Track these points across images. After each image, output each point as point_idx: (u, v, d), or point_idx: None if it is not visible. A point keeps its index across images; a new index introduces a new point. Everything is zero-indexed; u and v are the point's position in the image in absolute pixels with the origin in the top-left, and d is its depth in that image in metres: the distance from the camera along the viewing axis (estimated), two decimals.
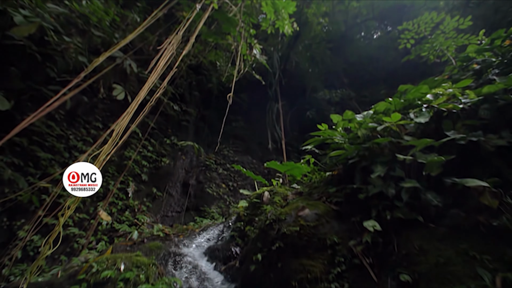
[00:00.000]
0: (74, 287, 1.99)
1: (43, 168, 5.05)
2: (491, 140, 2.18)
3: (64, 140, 5.73)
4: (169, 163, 7.60)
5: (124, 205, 6.73)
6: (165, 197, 7.22)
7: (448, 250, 1.79)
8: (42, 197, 4.84)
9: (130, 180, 7.08)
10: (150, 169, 7.45)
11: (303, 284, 2.00)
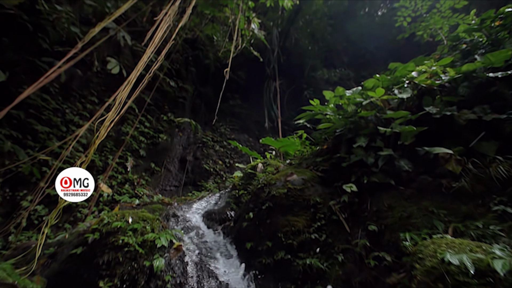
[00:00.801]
0: (88, 235, 2.32)
1: (42, 141, 5.23)
2: (464, 114, 2.43)
3: (61, 114, 5.85)
4: (167, 139, 7.82)
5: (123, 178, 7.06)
6: (163, 172, 7.56)
7: (412, 207, 2.13)
8: (43, 169, 5.07)
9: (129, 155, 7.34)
10: (147, 145, 7.69)
11: (287, 235, 2.36)
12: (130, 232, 2.28)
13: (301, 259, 2.18)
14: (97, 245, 2.26)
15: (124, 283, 2.04)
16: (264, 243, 2.42)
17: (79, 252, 2.27)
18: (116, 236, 2.26)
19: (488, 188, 1.99)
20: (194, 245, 2.51)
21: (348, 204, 2.38)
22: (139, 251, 2.17)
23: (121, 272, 2.07)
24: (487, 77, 2.43)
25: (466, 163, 2.19)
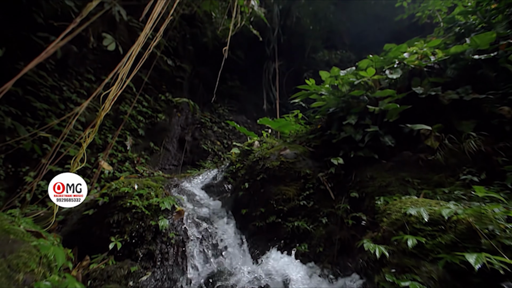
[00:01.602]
0: (98, 199, 2.59)
1: (41, 119, 5.37)
2: (448, 95, 2.62)
3: (58, 92, 5.93)
4: (165, 119, 7.96)
5: (123, 156, 7.30)
6: (162, 151, 7.80)
7: (391, 177, 2.39)
8: (44, 146, 5.26)
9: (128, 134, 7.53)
10: (146, 125, 7.84)
11: (279, 203, 2.65)
12: (137, 196, 2.55)
13: (290, 222, 2.49)
14: (107, 207, 2.54)
15: (133, 239, 2.34)
16: (258, 209, 2.72)
17: (91, 213, 2.55)
18: (124, 199, 2.53)
19: (460, 161, 2.24)
20: (194, 210, 2.80)
21: (335, 176, 2.64)
22: (146, 213, 2.45)
23: (130, 229, 2.36)
24: (472, 59, 2.58)
25: (443, 139, 2.42)
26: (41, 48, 5.36)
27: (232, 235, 2.51)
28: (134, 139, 7.57)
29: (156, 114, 8.01)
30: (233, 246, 2.36)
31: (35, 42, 5.21)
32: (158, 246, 2.31)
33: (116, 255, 2.26)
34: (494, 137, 2.29)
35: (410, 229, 1.49)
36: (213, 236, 2.44)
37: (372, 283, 1.40)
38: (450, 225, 1.39)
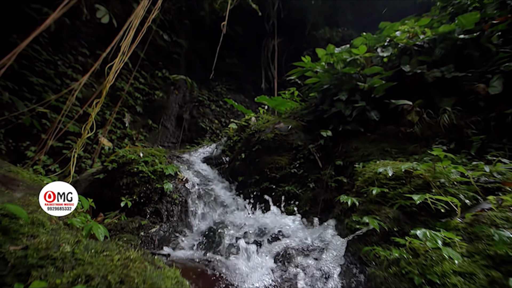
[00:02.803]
0: (107, 164, 2.90)
1: (38, 94, 5.50)
2: (432, 73, 2.85)
3: (53, 66, 6.00)
4: (162, 96, 8.08)
5: (122, 133, 7.54)
6: (160, 129, 8.03)
7: (373, 148, 2.71)
8: (42, 122, 5.46)
9: (125, 111, 7.69)
10: (143, 102, 7.98)
11: (272, 170, 2.98)
12: (143, 163, 2.86)
13: (282, 187, 2.84)
14: (116, 172, 2.85)
15: (141, 199, 2.69)
16: (253, 177, 3.06)
17: (101, 177, 2.87)
18: (131, 165, 2.84)
19: (435, 133, 2.55)
20: (195, 177, 3.14)
21: (324, 147, 2.96)
22: (151, 177, 2.78)
23: (138, 191, 2.70)
24: (458, 39, 2.77)
25: (423, 114, 2.70)
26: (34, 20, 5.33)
27: (230, 198, 2.88)
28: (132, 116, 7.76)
29: (153, 91, 8.12)
30: (231, 206, 2.72)
31: (28, 14, 5.19)
32: (164, 205, 2.66)
33: (127, 212, 2.63)
34: (468, 112, 2.58)
35: (378, 184, 1.82)
36: (212, 198, 2.80)
37: (342, 224, 1.77)
38: (409, 179, 1.73)
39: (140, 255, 0.94)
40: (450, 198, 1.34)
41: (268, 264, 1.40)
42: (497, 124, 2.39)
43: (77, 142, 2.70)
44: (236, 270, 1.22)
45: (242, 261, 1.35)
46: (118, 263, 0.86)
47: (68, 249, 0.88)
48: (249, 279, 1.13)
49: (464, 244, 1.10)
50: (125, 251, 0.93)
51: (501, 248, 0.99)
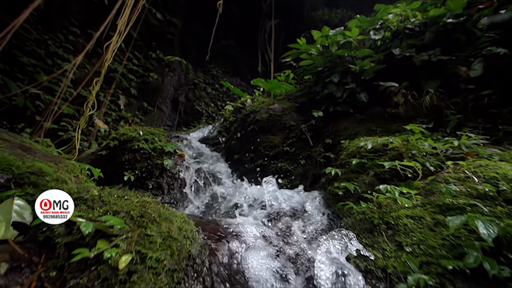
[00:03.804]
0: (109, 141, 3.08)
1: (30, 74, 5.51)
2: (420, 56, 3.02)
3: (44, 46, 5.95)
4: (157, 79, 8.09)
5: (118, 116, 7.62)
6: (156, 112, 8.12)
7: (360, 127, 2.94)
8: (36, 103, 5.51)
9: (120, 93, 7.73)
10: (138, 84, 7.99)
11: (266, 149, 3.21)
12: (143, 140, 3.05)
13: (275, 164, 3.09)
14: (118, 149, 3.05)
15: (143, 174, 2.91)
16: (248, 155, 3.29)
17: (104, 154, 3.07)
18: (132, 143, 3.03)
19: (417, 113, 2.78)
20: (193, 155, 3.36)
21: (315, 127, 3.18)
22: (152, 154, 2.99)
23: (140, 166, 2.92)
24: (447, 23, 2.92)
25: (408, 95, 2.92)
26: None
27: (226, 173, 3.13)
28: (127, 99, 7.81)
29: (148, 73, 8.11)
30: (227, 181, 2.98)
31: None
32: (165, 179, 2.90)
33: (130, 186, 2.85)
34: (450, 93, 2.80)
35: (359, 156, 2.07)
36: (210, 173, 3.04)
37: (326, 191, 2.03)
38: (386, 151, 1.97)
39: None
40: (414, 163, 1.59)
41: (262, 220, 1.66)
42: (474, 105, 2.63)
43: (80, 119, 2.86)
44: (235, 223, 1.47)
45: (239, 219, 1.60)
46: (137, 204, 1.09)
47: (96, 193, 1.10)
48: (246, 228, 1.38)
49: (419, 197, 1.36)
50: (141, 196, 1.16)
51: (447, 198, 1.25)
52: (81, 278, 0.86)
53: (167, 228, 1.01)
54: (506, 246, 1.00)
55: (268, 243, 1.27)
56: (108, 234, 0.95)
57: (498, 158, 1.67)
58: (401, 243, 1.11)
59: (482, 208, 1.14)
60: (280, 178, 2.93)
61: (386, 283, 0.99)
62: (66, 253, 0.96)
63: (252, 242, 1.24)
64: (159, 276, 0.89)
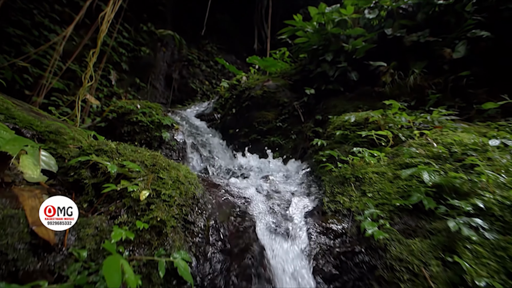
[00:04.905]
0: (108, 114, 3.24)
1: (16, 46, 5.42)
2: (410, 37, 3.20)
3: (29, 16, 5.80)
4: (149, 53, 7.97)
5: (109, 91, 7.60)
6: (149, 88, 8.10)
7: (348, 105, 3.18)
8: (24, 77, 5.48)
9: (111, 68, 7.64)
10: (129, 58, 7.88)
11: (260, 124, 3.44)
12: (141, 114, 3.22)
13: (268, 138, 3.35)
14: (116, 121, 3.22)
15: (142, 145, 3.11)
16: (243, 129, 3.53)
17: (103, 126, 3.24)
18: (130, 115, 3.20)
19: (402, 92, 3.03)
20: (190, 128, 3.57)
21: (307, 104, 3.40)
22: (150, 126, 3.18)
23: (139, 138, 3.12)
24: (438, 4, 3.07)
25: (395, 75, 3.14)
26: None
27: (221, 146, 3.38)
28: (118, 74, 7.73)
29: (139, 47, 7.96)
30: (222, 152, 3.24)
31: None
32: (164, 151, 3.12)
33: None
34: (434, 74, 3.04)
35: (343, 129, 2.34)
36: (206, 146, 3.28)
37: (312, 159, 2.32)
38: (366, 124, 2.24)
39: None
40: (387, 132, 1.86)
41: (257, 182, 1.94)
42: (454, 86, 2.89)
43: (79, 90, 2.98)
44: (232, 183, 1.74)
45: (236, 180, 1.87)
46: (149, 156, 1.33)
47: (113, 146, 1.33)
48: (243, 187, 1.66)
49: (386, 158, 1.65)
50: (152, 152, 1.40)
51: (406, 158, 1.54)
52: (109, 206, 1.12)
53: (175, 174, 1.26)
54: (447, 192, 1.30)
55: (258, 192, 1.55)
56: (128, 176, 1.20)
57: (461, 130, 1.96)
58: (365, 191, 1.40)
59: (434, 166, 1.44)
60: (273, 151, 3.21)
61: (349, 217, 1.29)
62: (94, 191, 1.21)
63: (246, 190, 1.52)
64: (171, 207, 1.15)
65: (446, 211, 1.18)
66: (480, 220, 1.12)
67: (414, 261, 1.00)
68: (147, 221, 1.07)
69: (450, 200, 1.20)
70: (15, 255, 0.83)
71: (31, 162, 1.13)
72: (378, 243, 1.08)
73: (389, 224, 1.17)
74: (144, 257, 1.00)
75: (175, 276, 1.04)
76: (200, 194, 1.30)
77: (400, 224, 1.18)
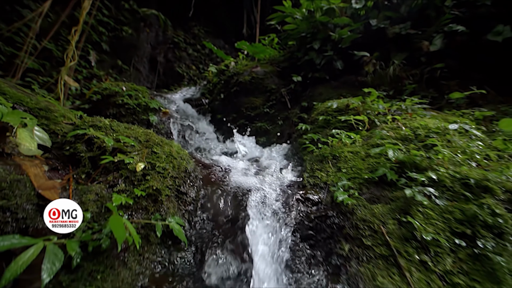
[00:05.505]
0: (92, 95, 3.21)
1: None
2: (393, 29, 3.40)
3: None
4: (132, 34, 7.67)
5: (89, 73, 7.31)
6: (132, 71, 7.86)
7: (333, 93, 3.37)
8: None
9: (90, 48, 7.31)
10: (110, 38, 7.55)
11: (248, 109, 3.57)
12: (127, 96, 3.23)
13: (255, 124, 3.49)
14: (101, 103, 3.21)
15: None
16: (231, 115, 3.63)
17: (87, 107, 3.22)
18: (115, 98, 3.20)
19: (382, 82, 3.25)
20: (177, 112, 3.62)
21: (294, 91, 3.55)
22: (137, 109, 3.20)
23: (126, 121, 3.14)
24: None
25: (377, 65, 3.35)
26: None
27: (210, 130, 3.48)
28: (98, 55, 7.42)
29: (120, 26, 7.63)
30: (210, 136, 3.35)
31: None
32: None
33: None
34: (412, 65, 3.28)
35: (326, 114, 2.52)
36: (194, 129, 3.37)
37: (296, 143, 2.50)
38: (347, 110, 2.44)
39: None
40: (363, 117, 2.07)
41: (245, 162, 2.09)
42: (429, 77, 3.15)
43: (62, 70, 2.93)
44: (221, 162, 1.89)
45: (225, 160, 2.01)
46: (142, 133, 1.43)
47: (107, 122, 1.42)
48: (231, 165, 1.81)
49: (361, 140, 1.86)
50: (144, 129, 1.50)
51: (377, 139, 1.75)
52: (107, 176, 1.23)
53: (168, 150, 1.38)
54: (408, 167, 1.52)
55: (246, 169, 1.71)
56: (123, 150, 1.30)
57: (429, 117, 2.21)
58: (340, 167, 1.60)
59: (400, 145, 1.66)
60: (260, 136, 3.36)
61: (325, 189, 1.49)
62: (90, 164, 1.30)
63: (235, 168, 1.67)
64: (165, 179, 1.28)
65: (405, 183, 1.40)
66: (432, 189, 1.35)
67: (375, 221, 1.22)
68: (143, 189, 1.19)
69: (409, 174, 1.42)
70: (24, 214, 0.94)
71: (28, 135, 1.20)
72: (347, 207, 1.28)
73: (357, 193, 1.38)
74: (142, 220, 1.14)
75: (171, 237, 1.19)
76: (191, 168, 1.44)
77: (367, 193, 1.39)
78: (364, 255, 1.11)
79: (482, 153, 1.71)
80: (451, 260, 1.16)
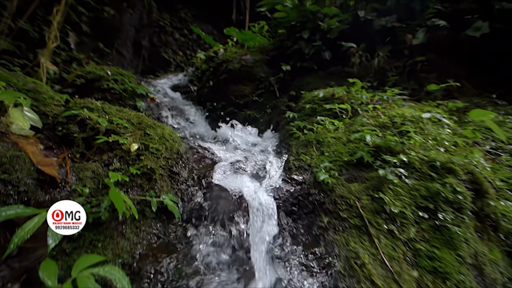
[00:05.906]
0: (75, 79, 3.15)
1: None
2: (379, 21, 3.54)
3: None
4: (114, 15, 7.35)
5: (68, 56, 7.00)
6: (115, 55, 7.59)
7: (321, 83, 3.51)
8: None
9: (69, 29, 6.96)
10: (90, 19, 7.21)
11: (237, 97, 3.64)
12: (112, 81, 3.19)
13: (244, 112, 3.58)
14: (86, 88, 3.16)
15: None
16: (220, 102, 3.69)
17: (70, 91, 3.16)
18: (100, 82, 3.16)
19: (367, 73, 3.42)
20: (165, 99, 3.63)
21: (283, 80, 3.66)
22: (123, 94, 3.19)
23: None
24: None
25: (363, 57, 3.51)
26: None
27: (199, 117, 3.53)
28: (77, 37, 7.08)
29: (102, 6, 7.29)
30: (199, 123, 3.41)
31: None
32: None
33: None
34: (396, 58, 3.46)
35: (312, 103, 2.66)
36: (183, 116, 3.41)
37: (283, 130, 2.64)
38: (333, 99, 2.59)
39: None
40: (347, 105, 2.22)
41: (235, 150, 2.20)
42: (410, 69, 3.35)
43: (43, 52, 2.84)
44: (211, 147, 1.98)
45: (215, 145, 2.11)
46: (134, 115, 1.49)
47: (99, 104, 1.46)
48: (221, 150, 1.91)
49: (344, 127, 2.02)
50: (136, 112, 1.56)
51: (358, 126, 1.91)
52: (102, 156, 1.30)
53: (161, 132, 1.46)
54: (383, 151, 1.70)
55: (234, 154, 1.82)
56: (117, 132, 1.37)
57: (407, 107, 2.40)
58: (323, 151, 1.76)
59: (378, 132, 1.83)
60: (248, 124, 3.46)
61: (308, 171, 1.64)
62: (84, 144, 1.36)
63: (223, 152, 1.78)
64: (159, 159, 1.37)
65: (380, 164, 1.57)
66: (403, 170, 1.53)
67: (351, 197, 1.38)
68: (138, 168, 1.28)
69: (384, 156, 1.60)
70: (25, 187, 1.01)
71: (21, 115, 1.24)
72: (327, 186, 1.44)
73: (338, 174, 1.54)
74: (137, 197, 1.23)
75: (165, 212, 1.30)
76: (183, 150, 1.53)
77: (346, 174, 1.55)
78: (340, 226, 1.28)
79: (451, 140, 1.92)
80: (415, 229, 1.35)
